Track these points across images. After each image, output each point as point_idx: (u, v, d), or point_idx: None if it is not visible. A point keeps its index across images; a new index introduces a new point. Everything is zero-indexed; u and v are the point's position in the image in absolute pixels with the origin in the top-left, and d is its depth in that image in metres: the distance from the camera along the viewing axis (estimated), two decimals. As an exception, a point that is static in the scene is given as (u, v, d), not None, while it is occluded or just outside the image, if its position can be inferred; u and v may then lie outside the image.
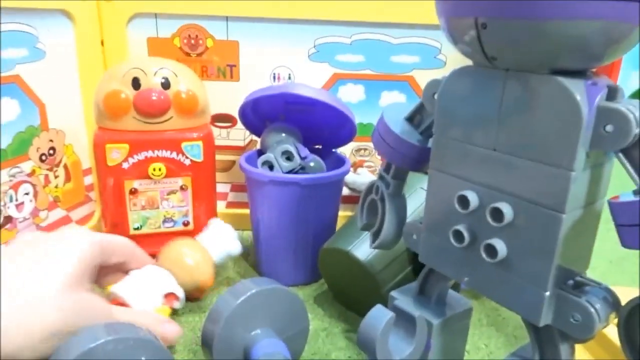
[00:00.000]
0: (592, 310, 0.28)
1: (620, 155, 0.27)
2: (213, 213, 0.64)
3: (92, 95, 0.58)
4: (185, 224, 0.61)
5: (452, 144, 0.33)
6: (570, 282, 0.31)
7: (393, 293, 0.40)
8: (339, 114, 0.60)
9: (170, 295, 0.50)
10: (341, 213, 0.65)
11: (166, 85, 0.57)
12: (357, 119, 0.72)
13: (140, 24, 0.67)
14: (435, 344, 0.38)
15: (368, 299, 0.47)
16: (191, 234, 0.62)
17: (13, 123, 0.56)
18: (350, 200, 0.75)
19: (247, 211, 0.69)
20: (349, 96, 0.72)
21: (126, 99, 0.55)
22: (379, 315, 0.34)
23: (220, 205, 0.76)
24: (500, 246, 0.30)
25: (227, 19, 0.67)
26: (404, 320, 0.36)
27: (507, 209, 0.30)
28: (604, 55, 0.27)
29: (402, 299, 0.39)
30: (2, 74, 0.53)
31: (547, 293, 0.29)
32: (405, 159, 0.38)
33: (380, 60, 0.70)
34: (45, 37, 0.59)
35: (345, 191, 0.74)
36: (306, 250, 0.60)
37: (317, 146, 0.68)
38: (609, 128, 0.26)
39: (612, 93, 0.27)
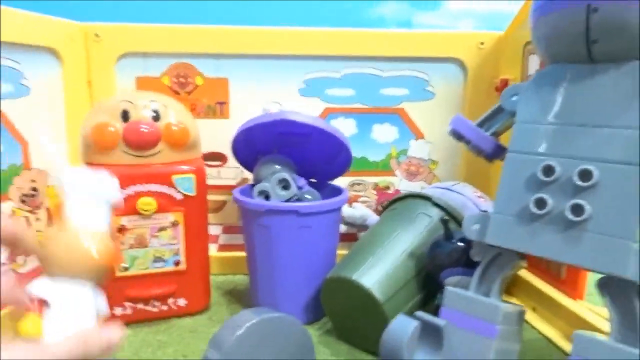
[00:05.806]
0: None
1: None
2: (205, 252, 0.61)
3: (78, 134, 0.56)
4: (177, 263, 0.58)
5: (533, 128, 0.36)
6: None
7: (448, 286, 0.40)
8: (334, 142, 0.59)
9: None
10: (338, 251, 0.62)
11: (156, 117, 0.55)
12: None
13: (128, 64, 0.66)
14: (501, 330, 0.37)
15: (375, 332, 0.43)
16: (183, 274, 0.58)
17: (-6, 160, 0.53)
18: (347, 238, 0.72)
19: (240, 254, 0.65)
20: (341, 130, 0.71)
21: (115, 132, 0.53)
22: (403, 324, 0.31)
23: (212, 248, 0.72)
24: (586, 205, 0.32)
25: (216, 56, 0.67)
26: (430, 332, 0.33)
27: (594, 170, 0.32)
28: None
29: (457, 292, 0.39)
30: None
31: (636, 244, 0.30)
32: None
33: (370, 94, 0.71)
34: (31, 73, 0.57)
35: (341, 228, 0.72)
36: (307, 285, 0.56)
37: (311, 179, 0.66)
38: None
39: None
